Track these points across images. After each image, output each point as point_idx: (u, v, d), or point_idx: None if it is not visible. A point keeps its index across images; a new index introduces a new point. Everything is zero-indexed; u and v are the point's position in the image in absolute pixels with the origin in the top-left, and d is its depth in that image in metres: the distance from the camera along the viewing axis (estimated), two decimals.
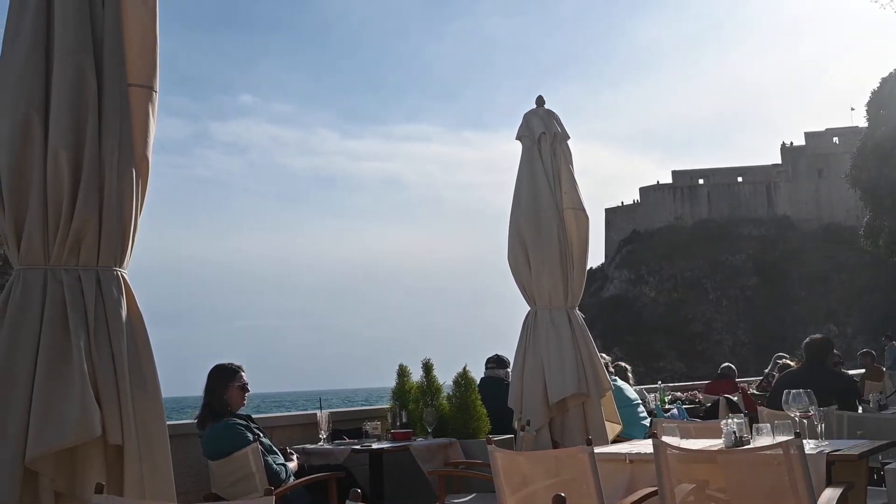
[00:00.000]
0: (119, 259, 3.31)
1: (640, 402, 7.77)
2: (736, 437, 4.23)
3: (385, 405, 7.30)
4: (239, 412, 5.44)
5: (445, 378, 7.02)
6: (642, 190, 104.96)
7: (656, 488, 3.91)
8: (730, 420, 4.35)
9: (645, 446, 4.68)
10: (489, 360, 7.56)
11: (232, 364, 5.52)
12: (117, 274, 3.30)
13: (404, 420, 6.67)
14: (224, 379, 5.41)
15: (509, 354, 6.97)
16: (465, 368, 6.94)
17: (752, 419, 5.42)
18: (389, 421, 6.78)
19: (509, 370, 7.57)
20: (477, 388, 6.81)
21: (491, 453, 4.29)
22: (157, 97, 3.44)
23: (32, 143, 3.15)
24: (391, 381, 7.09)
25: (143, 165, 3.38)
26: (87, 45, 3.24)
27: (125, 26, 3.36)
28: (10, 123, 3.13)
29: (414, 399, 6.84)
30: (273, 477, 5.16)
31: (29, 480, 3.04)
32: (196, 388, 5.65)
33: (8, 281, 3.19)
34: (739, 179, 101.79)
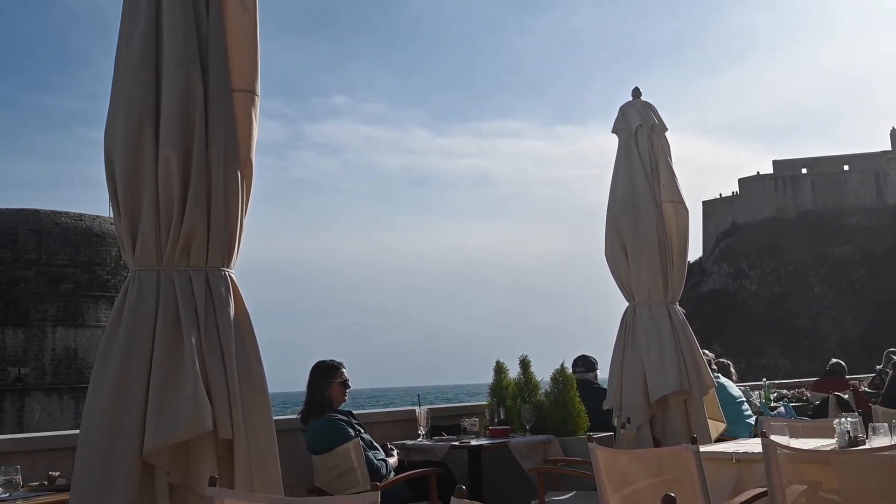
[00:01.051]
0: (226, 259, 3.41)
1: (744, 399, 7.54)
2: (850, 436, 4.06)
3: (482, 402, 7.30)
4: (340, 408, 5.54)
5: (542, 375, 6.98)
6: (742, 181, 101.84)
7: (765, 489, 3.79)
8: (843, 419, 4.18)
9: (752, 445, 4.54)
10: (576, 364, 7.45)
11: (333, 361, 5.63)
12: (225, 274, 3.40)
13: (502, 417, 6.66)
14: (325, 375, 5.52)
15: (607, 350, 6.87)
16: (562, 365, 6.88)
17: (866, 418, 5.19)
18: (487, 417, 6.79)
19: (597, 372, 7.48)
20: (575, 385, 6.74)
21: (592, 451, 4.24)
22: (258, 101, 3.53)
23: (144, 150, 3.28)
24: (487, 378, 7.09)
25: (248, 168, 3.47)
26: (194, 53, 3.35)
27: (228, 34, 3.46)
28: (124, 131, 3.26)
29: (511, 396, 6.83)
30: (374, 472, 5.23)
31: (146, 473, 3.17)
32: (297, 383, 5.78)
33: (124, 282, 3.33)
34: (846, 168, 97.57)
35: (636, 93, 6.77)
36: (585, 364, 7.49)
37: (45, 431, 7.72)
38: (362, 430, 5.49)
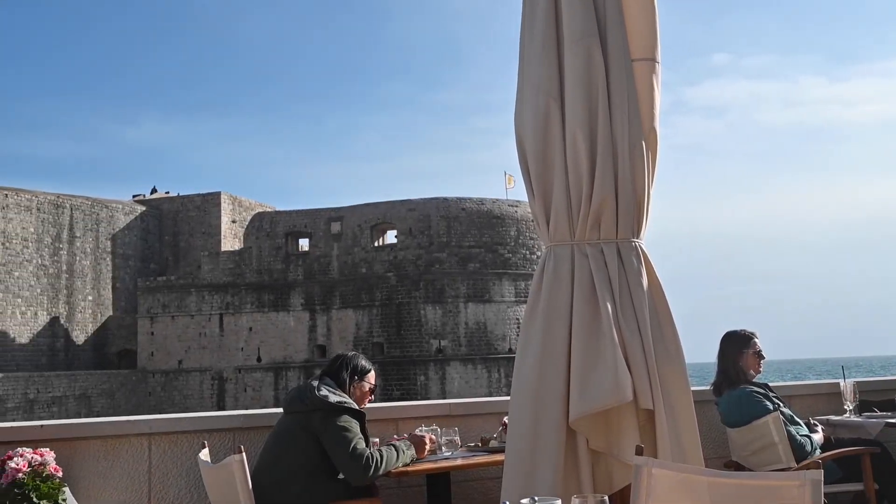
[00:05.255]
0: (636, 230, 3.42)
1: None
2: None
3: None
4: (755, 380, 5.30)
5: None
6: None
7: None
8: None
9: None
10: None
11: (744, 330, 5.39)
12: (636, 245, 3.41)
13: None
14: (737, 345, 5.31)
15: None
16: None
17: None
18: None
19: None
20: None
21: None
22: (659, 68, 3.47)
23: (552, 129, 3.39)
24: None
25: (652, 138, 3.44)
26: (593, 28, 3.38)
27: (625, 4, 3.44)
28: (533, 112, 3.41)
29: None
30: (798, 448, 4.92)
31: (570, 438, 3.30)
32: (703, 353, 5.64)
33: (541, 258, 3.50)
34: None
35: None
36: None
37: (465, 398, 8.50)
38: (781, 404, 5.19)
